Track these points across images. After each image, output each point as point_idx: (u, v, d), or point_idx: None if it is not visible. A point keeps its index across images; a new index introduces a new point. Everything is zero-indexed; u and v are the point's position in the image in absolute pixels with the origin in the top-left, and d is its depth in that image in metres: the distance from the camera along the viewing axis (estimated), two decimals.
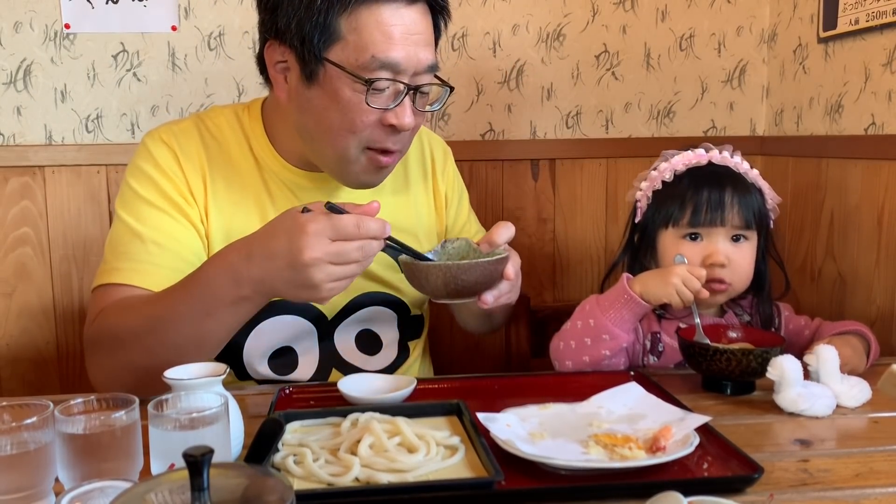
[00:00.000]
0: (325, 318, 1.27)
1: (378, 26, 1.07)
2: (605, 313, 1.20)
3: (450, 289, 1.03)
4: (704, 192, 1.25)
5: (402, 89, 1.10)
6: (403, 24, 1.08)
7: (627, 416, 0.99)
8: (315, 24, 1.06)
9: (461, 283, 1.03)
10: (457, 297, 1.05)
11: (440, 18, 1.16)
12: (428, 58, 1.12)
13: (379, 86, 1.08)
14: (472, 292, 1.05)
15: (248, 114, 1.26)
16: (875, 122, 1.55)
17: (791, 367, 1.04)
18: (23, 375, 1.80)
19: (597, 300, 1.23)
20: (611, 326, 1.19)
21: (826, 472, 0.87)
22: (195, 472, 0.54)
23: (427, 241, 1.36)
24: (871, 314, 1.54)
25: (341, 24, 1.07)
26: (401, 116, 1.11)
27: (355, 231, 0.93)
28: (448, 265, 1.03)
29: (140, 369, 1.04)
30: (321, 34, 1.07)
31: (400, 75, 1.09)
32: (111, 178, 1.78)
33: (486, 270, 1.03)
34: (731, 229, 1.26)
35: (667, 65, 1.93)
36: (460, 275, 1.02)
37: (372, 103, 1.09)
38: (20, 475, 0.76)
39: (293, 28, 1.08)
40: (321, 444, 0.89)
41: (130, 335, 1.05)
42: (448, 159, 1.44)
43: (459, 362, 1.93)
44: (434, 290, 1.05)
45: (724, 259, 1.25)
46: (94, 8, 1.73)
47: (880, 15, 1.49)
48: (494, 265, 1.04)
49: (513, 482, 0.82)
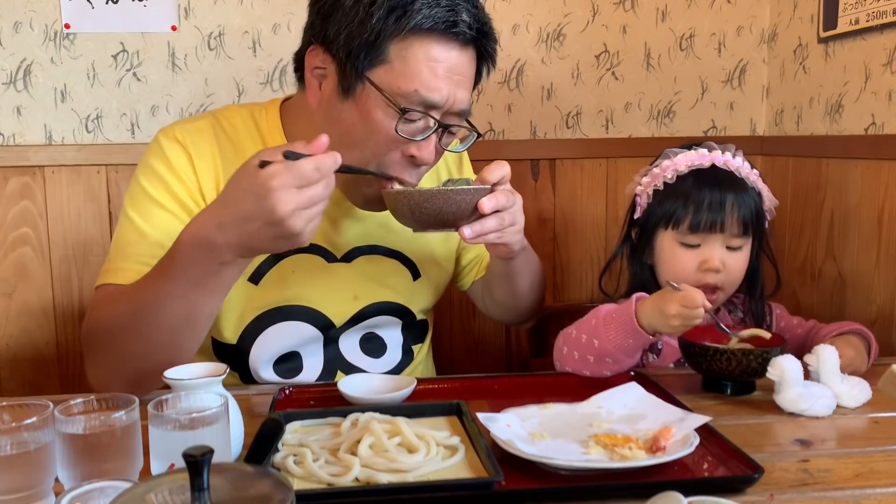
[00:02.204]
0: (333, 325, 1.26)
1: (426, 61, 1.06)
2: (610, 337, 1.14)
3: (416, 216, 1.05)
4: (706, 199, 1.24)
5: (431, 125, 1.10)
6: (451, 64, 1.08)
7: (628, 417, 0.98)
8: (365, 41, 1.06)
9: (426, 211, 1.04)
10: (430, 227, 1.06)
11: (485, 65, 1.16)
12: (464, 100, 1.11)
13: (412, 116, 1.08)
14: (443, 222, 1.05)
15: (265, 114, 1.24)
16: (875, 122, 1.55)
17: (791, 367, 1.04)
18: (23, 375, 1.80)
19: (604, 319, 1.15)
20: (615, 353, 1.14)
21: (826, 473, 0.87)
22: (195, 472, 0.54)
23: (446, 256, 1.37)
24: (871, 314, 1.54)
25: (391, 49, 1.06)
26: (424, 150, 1.11)
27: (317, 174, 0.92)
28: (410, 191, 1.05)
29: (135, 357, 1.03)
30: (368, 53, 1.06)
31: (433, 111, 1.09)
32: (111, 178, 1.78)
33: (448, 199, 1.03)
34: (728, 237, 1.26)
35: (667, 65, 1.93)
36: (423, 202, 1.03)
37: (401, 131, 1.08)
38: (20, 475, 0.76)
39: (342, 40, 1.07)
40: (321, 445, 0.89)
41: (120, 324, 1.04)
42: (463, 159, 1.41)
43: (459, 362, 1.93)
44: (404, 218, 1.07)
45: (719, 265, 1.25)
46: (94, 8, 1.73)
47: (880, 15, 1.49)
48: (459, 195, 1.04)
49: (513, 482, 0.82)
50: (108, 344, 1.07)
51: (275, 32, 1.79)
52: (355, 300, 1.27)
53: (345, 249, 1.25)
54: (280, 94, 1.76)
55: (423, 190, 1.05)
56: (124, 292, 1.07)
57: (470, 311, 1.94)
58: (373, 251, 1.27)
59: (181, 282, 0.99)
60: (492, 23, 1.14)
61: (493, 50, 1.15)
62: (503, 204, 1.08)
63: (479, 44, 1.12)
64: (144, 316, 1.02)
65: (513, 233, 1.13)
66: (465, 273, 1.42)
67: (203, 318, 1.03)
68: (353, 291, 1.26)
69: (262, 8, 1.79)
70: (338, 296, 1.25)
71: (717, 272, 1.25)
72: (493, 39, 1.14)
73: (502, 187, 1.10)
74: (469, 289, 1.46)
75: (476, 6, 1.10)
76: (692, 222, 1.25)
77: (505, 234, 1.11)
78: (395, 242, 1.28)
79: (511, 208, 1.10)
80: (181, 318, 1.01)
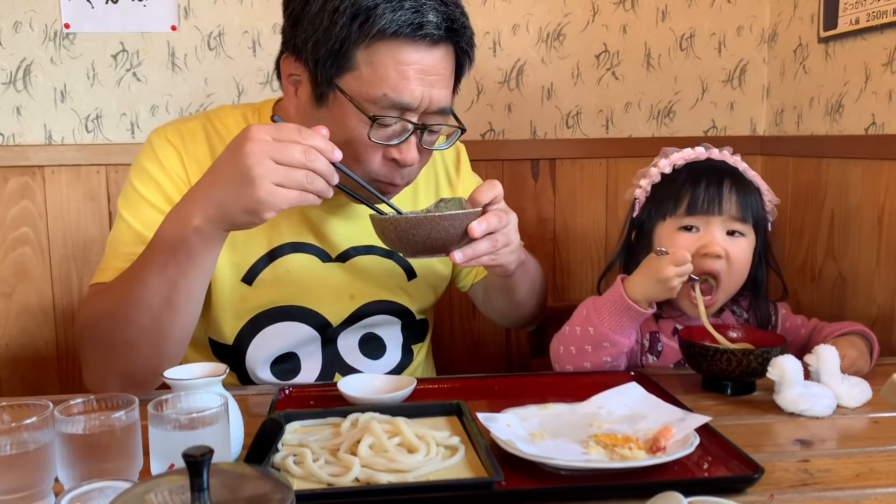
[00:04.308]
0: (330, 325, 1.26)
1: (395, 64, 1.04)
2: (603, 321, 1.17)
3: (405, 243, 1.02)
4: (702, 182, 1.24)
5: (409, 127, 1.08)
6: (422, 66, 1.05)
7: (628, 417, 0.98)
8: (331, 49, 1.04)
9: (414, 238, 1.00)
10: (420, 253, 1.04)
11: (464, 60, 1.13)
12: (441, 98, 1.08)
13: (385, 122, 1.06)
14: (433, 248, 1.02)
15: (258, 116, 1.24)
16: (875, 121, 1.55)
17: (791, 367, 1.04)
18: (22, 375, 1.80)
19: (594, 306, 1.20)
20: (611, 334, 1.17)
21: (826, 473, 0.87)
22: (195, 472, 0.54)
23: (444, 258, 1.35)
24: (871, 314, 1.54)
25: (358, 55, 1.04)
26: (405, 152, 1.09)
27: (297, 135, 0.91)
28: (397, 218, 1.01)
29: (123, 346, 1.03)
30: (335, 60, 1.05)
31: (408, 113, 1.07)
32: (111, 178, 1.78)
33: (437, 225, 1.00)
34: (727, 220, 1.24)
35: (667, 64, 1.93)
36: (410, 229, 1.00)
37: (375, 137, 1.06)
38: (20, 475, 0.76)
39: (310, 48, 1.06)
40: (321, 445, 0.89)
41: (106, 311, 1.04)
42: (461, 161, 1.40)
43: (459, 362, 1.93)
44: (393, 244, 1.04)
45: (720, 250, 1.22)
46: (93, 8, 1.73)
47: (881, 15, 1.49)
48: (448, 220, 1.00)
49: (513, 482, 0.82)
50: (97, 336, 1.06)
51: (274, 32, 1.79)
52: (351, 300, 1.27)
53: (339, 249, 1.25)
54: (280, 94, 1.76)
55: (410, 217, 1.01)
56: (111, 284, 1.07)
57: (470, 311, 1.94)
58: (368, 251, 1.27)
59: (158, 256, 0.98)
60: (465, 17, 1.09)
61: (469, 45, 1.11)
62: (495, 226, 1.05)
63: (452, 40, 1.08)
64: (126, 299, 1.01)
65: (507, 253, 1.10)
66: (463, 275, 1.42)
67: (181, 302, 1.01)
68: (349, 291, 1.26)
69: (261, 7, 1.79)
70: (333, 296, 1.25)
71: (718, 257, 1.22)
72: (466, 35, 1.10)
73: (495, 207, 1.07)
74: (469, 290, 1.45)
75: (445, 3, 1.06)
76: (690, 201, 1.24)
77: (499, 256, 1.08)
78: None
79: (504, 229, 1.07)
80: (160, 299, 0.99)
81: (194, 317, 1.05)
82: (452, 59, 1.10)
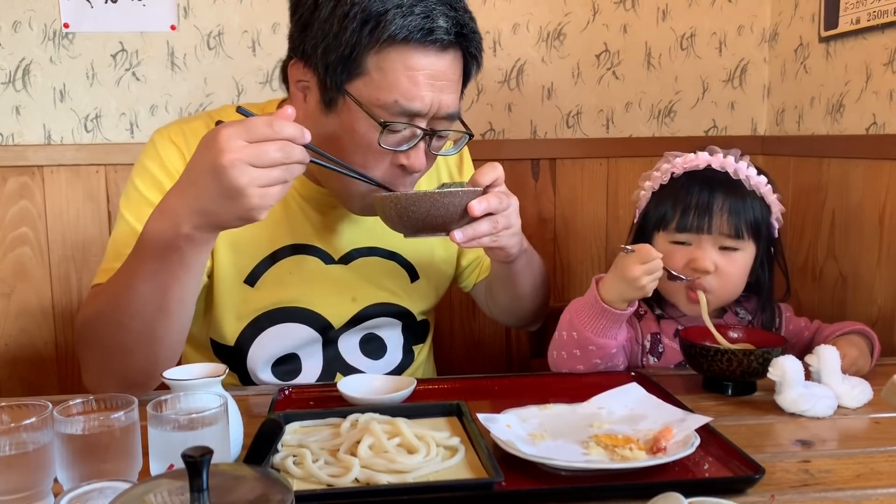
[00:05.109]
0: (332, 327, 1.26)
1: (405, 70, 1.03)
2: (585, 325, 1.17)
3: (405, 221, 1.03)
4: (693, 199, 1.23)
5: (418, 133, 1.07)
6: (432, 71, 1.05)
7: (628, 417, 0.98)
8: (341, 55, 1.03)
9: (414, 214, 1.01)
10: (420, 231, 1.04)
11: (472, 65, 1.12)
12: (450, 104, 1.08)
13: (395, 127, 1.06)
14: (433, 226, 1.03)
15: None
16: (876, 121, 1.55)
17: (792, 367, 1.04)
18: (21, 376, 1.80)
19: (575, 311, 1.19)
20: (594, 338, 1.16)
21: (827, 473, 0.86)
22: (194, 472, 0.54)
23: (445, 257, 1.35)
24: (872, 314, 1.54)
25: (368, 61, 1.04)
26: (413, 159, 1.09)
27: (269, 131, 0.90)
28: (397, 195, 1.02)
29: (118, 351, 1.02)
30: (345, 66, 1.04)
31: (418, 119, 1.06)
32: (110, 178, 1.77)
33: (437, 202, 1.01)
34: (718, 237, 1.23)
35: (668, 64, 1.93)
36: (410, 205, 1.01)
37: (385, 143, 1.06)
38: (19, 476, 0.76)
39: (319, 53, 1.05)
40: (321, 445, 0.89)
41: (100, 316, 1.03)
42: (464, 162, 1.40)
43: (459, 363, 1.93)
44: (393, 222, 1.05)
45: (709, 265, 1.22)
46: (92, 7, 1.72)
47: (881, 14, 1.49)
48: (447, 197, 1.01)
49: (513, 483, 0.82)
50: (93, 340, 1.06)
51: (274, 32, 1.79)
52: (353, 302, 1.26)
53: (342, 251, 1.25)
54: (279, 93, 1.75)
55: (410, 193, 1.02)
56: (104, 287, 1.07)
57: (470, 312, 1.94)
58: (371, 253, 1.27)
59: (148, 263, 0.97)
60: (473, 23, 1.09)
61: (478, 50, 1.11)
62: (495, 206, 1.05)
63: (461, 45, 1.08)
64: (119, 304, 1.01)
65: (508, 236, 1.11)
66: (466, 275, 1.42)
67: (173, 306, 1.00)
68: (351, 293, 1.26)
69: (261, 7, 1.78)
70: (336, 298, 1.25)
71: (706, 273, 1.22)
72: (475, 40, 1.10)
73: (496, 189, 1.08)
74: (472, 290, 1.45)
75: (455, 8, 1.05)
76: (679, 223, 1.24)
77: (500, 238, 1.09)
78: (392, 244, 1.28)
79: (505, 211, 1.08)
80: (153, 305, 0.99)
81: (187, 319, 1.05)
82: (461, 64, 1.11)
